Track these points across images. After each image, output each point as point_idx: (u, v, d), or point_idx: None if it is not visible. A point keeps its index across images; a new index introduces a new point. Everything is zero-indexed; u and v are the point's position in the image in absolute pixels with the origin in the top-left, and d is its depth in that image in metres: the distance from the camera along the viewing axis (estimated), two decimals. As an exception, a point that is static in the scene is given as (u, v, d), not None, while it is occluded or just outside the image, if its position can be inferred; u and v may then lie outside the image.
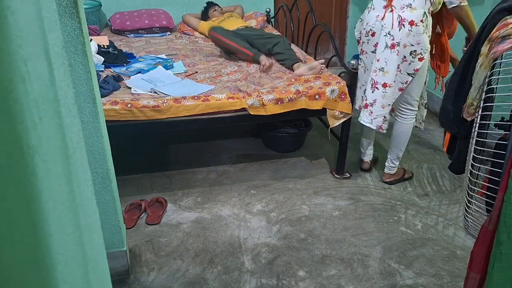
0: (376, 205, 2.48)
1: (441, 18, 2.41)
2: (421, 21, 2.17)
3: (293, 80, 2.65)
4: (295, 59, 2.86)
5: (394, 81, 2.30)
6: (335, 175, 2.76)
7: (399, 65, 2.26)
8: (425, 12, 2.18)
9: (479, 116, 1.28)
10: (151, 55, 3.12)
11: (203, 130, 3.26)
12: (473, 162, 1.31)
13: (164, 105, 2.30)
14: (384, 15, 2.24)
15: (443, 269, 2.01)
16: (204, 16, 3.82)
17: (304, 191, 2.60)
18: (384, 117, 2.40)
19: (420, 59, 2.23)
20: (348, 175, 2.75)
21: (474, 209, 1.34)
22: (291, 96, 2.44)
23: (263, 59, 2.81)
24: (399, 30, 2.19)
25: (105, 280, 0.82)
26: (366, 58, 2.44)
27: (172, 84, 2.57)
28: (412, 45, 2.21)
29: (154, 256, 2.08)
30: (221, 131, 3.28)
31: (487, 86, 1.25)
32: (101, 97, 2.02)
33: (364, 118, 2.45)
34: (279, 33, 3.73)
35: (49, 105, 0.52)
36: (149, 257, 2.07)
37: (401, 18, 2.18)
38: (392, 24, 2.21)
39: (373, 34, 2.32)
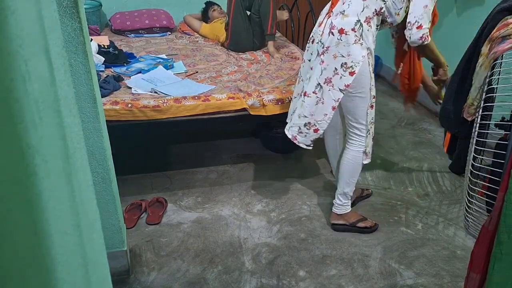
0: (376, 205, 2.48)
1: None
2: (353, 29, 1.90)
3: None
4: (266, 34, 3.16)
5: (313, 92, 2.01)
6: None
7: (331, 78, 1.95)
8: (358, 21, 1.90)
9: (479, 116, 1.28)
10: (151, 55, 3.12)
11: (203, 130, 3.26)
12: (473, 162, 1.31)
13: (165, 105, 2.30)
14: (322, 21, 2.03)
15: (444, 269, 2.00)
16: (204, 16, 3.82)
17: (305, 191, 2.59)
18: (299, 128, 2.11)
19: (351, 73, 1.92)
20: (349, 175, 2.75)
21: (475, 209, 1.34)
22: (291, 96, 2.44)
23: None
24: (328, 37, 1.94)
25: (106, 280, 0.82)
26: (302, 67, 2.17)
27: (172, 84, 2.57)
28: (343, 56, 1.92)
29: (155, 256, 2.08)
30: (221, 131, 3.28)
31: (487, 86, 1.25)
32: (102, 97, 2.02)
33: (287, 125, 2.24)
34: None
35: (49, 105, 0.52)
36: (150, 257, 2.07)
37: (332, 25, 1.93)
38: (324, 31, 1.98)
39: (313, 42, 2.08)
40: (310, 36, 2.11)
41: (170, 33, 3.83)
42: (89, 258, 0.65)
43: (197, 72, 2.85)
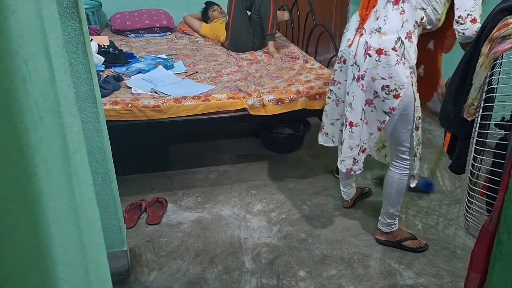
0: (376, 205, 2.48)
1: (440, 31, 1.90)
2: (393, 49, 1.72)
3: (293, 80, 2.65)
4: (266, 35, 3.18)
5: (360, 119, 1.89)
6: (336, 175, 2.75)
7: (372, 100, 1.83)
8: (399, 38, 1.71)
9: (479, 116, 1.28)
10: (151, 55, 3.12)
11: (203, 130, 3.26)
12: (473, 162, 1.31)
13: (165, 105, 2.30)
14: (353, 40, 1.85)
15: (444, 269, 2.00)
16: (204, 16, 3.82)
17: (305, 191, 2.59)
18: (354, 159, 1.98)
19: (396, 96, 1.77)
20: (349, 175, 2.75)
21: (475, 209, 1.34)
22: (291, 97, 2.44)
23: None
24: (364, 59, 1.78)
25: (106, 280, 0.82)
26: (338, 89, 2.04)
27: (172, 84, 2.57)
28: (383, 78, 1.76)
29: (155, 256, 2.08)
30: (221, 131, 3.28)
31: (487, 86, 1.25)
32: (102, 97, 2.02)
33: (321, 140, 2.20)
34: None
35: (49, 105, 0.52)
36: (150, 257, 2.07)
37: (368, 46, 1.76)
38: (357, 51, 1.81)
39: (344, 61, 1.93)
40: (339, 55, 1.97)
41: (170, 33, 3.82)
42: (89, 258, 0.65)
43: (197, 72, 2.85)
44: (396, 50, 1.72)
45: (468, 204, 1.35)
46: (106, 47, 3.00)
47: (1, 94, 0.41)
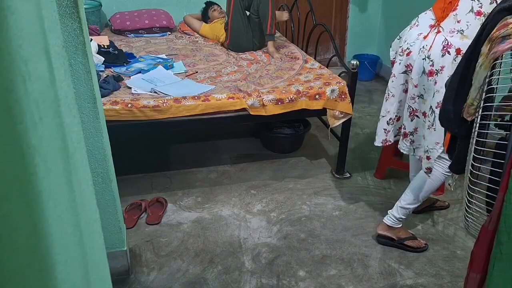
0: (376, 205, 2.48)
1: None
2: None
3: (293, 80, 2.65)
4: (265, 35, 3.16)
5: (424, 113, 1.95)
6: (335, 175, 2.76)
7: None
8: None
9: (479, 116, 1.28)
10: (151, 55, 3.12)
11: (203, 130, 3.26)
12: (473, 162, 1.31)
13: (164, 105, 2.30)
14: (428, 34, 1.87)
15: (443, 269, 2.00)
16: (204, 16, 3.82)
17: (304, 191, 2.59)
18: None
19: None
20: (348, 175, 2.75)
21: (475, 209, 1.34)
22: (291, 97, 2.44)
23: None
24: (442, 56, 1.80)
25: (105, 280, 0.82)
26: (392, 82, 2.05)
27: (172, 84, 2.57)
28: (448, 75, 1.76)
29: (154, 256, 2.08)
30: (221, 131, 3.28)
31: (487, 86, 1.25)
32: (101, 97, 2.02)
33: (404, 147, 2.11)
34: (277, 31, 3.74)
35: (49, 105, 0.52)
36: (149, 257, 2.07)
37: (448, 43, 1.80)
38: (434, 47, 1.83)
39: (408, 54, 1.93)
40: (405, 47, 1.95)
41: (170, 33, 3.83)
42: (89, 258, 0.65)
43: (197, 72, 2.85)
44: None
45: (468, 204, 1.35)
46: (106, 47, 3.00)
47: (1, 94, 0.41)
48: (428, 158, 1.95)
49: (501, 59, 1.22)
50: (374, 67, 4.44)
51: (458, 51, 1.79)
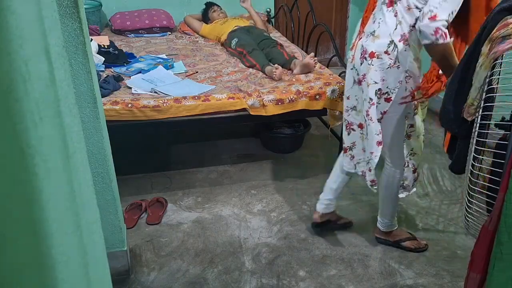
0: (376, 205, 2.47)
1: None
2: (386, 52, 1.67)
3: (294, 80, 2.65)
4: (287, 61, 2.83)
5: (359, 125, 1.89)
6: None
7: (368, 111, 1.77)
8: (392, 41, 1.66)
9: (479, 116, 1.28)
10: (151, 55, 3.12)
11: (203, 130, 3.26)
12: (473, 162, 1.31)
13: (165, 105, 2.30)
14: (355, 43, 1.82)
15: (444, 269, 2.00)
16: (205, 17, 3.82)
17: (305, 191, 2.59)
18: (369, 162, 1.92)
19: (387, 100, 1.72)
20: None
21: (475, 209, 1.34)
22: (291, 97, 2.44)
23: (270, 70, 2.70)
24: (361, 64, 1.74)
25: (106, 280, 0.82)
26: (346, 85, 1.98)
27: (172, 84, 2.57)
28: (375, 82, 1.71)
29: (155, 256, 2.08)
30: (221, 131, 3.28)
31: (487, 86, 1.25)
32: (102, 97, 2.02)
33: (346, 164, 2.02)
34: (275, 33, 3.74)
35: (49, 105, 0.52)
36: (150, 257, 2.07)
37: (364, 49, 1.73)
38: (355, 54, 1.78)
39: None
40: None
41: (170, 33, 3.83)
42: (89, 258, 0.65)
43: (197, 72, 2.85)
44: (388, 54, 1.67)
45: (468, 204, 1.35)
46: (106, 47, 3.00)
47: (1, 94, 0.41)
48: (370, 170, 1.90)
49: (501, 59, 1.22)
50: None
51: (371, 54, 1.70)
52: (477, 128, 1.28)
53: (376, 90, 1.72)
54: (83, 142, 0.71)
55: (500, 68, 1.23)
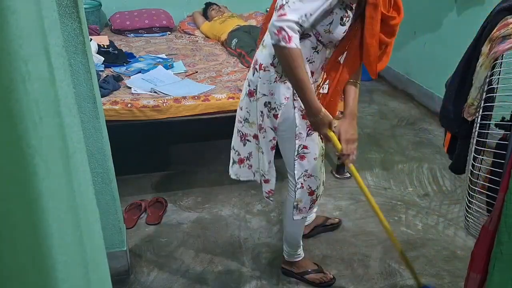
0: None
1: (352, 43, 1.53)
2: (272, 64, 1.51)
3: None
4: None
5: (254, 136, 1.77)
6: (336, 175, 2.76)
7: (261, 124, 1.66)
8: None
9: (479, 116, 1.28)
10: (151, 55, 3.12)
11: (203, 130, 3.26)
12: (473, 162, 1.31)
13: (164, 105, 2.30)
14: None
15: (444, 269, 2.00)
16: (205, 15, 3.84)
17: (304, 191, 2.59)
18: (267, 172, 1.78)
19: (275, 116, 1.58)
20: (349, 175, 2.75)
21: (475, 209, 1.34)
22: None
23: None
24: (253, 75, 1.61)
25: (105, 280, 0.82)
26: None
27: (172, 84, 2.57)
28: (265, 94, 1.57)
29: (154, 256, 2.08)
30: (221, 131, 3.27)
31: (487, 86, 1.25)
32: (101, 97, 2.02)
33: (244, 174, 1.87)
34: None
35: (49, 105, 0.52)
36: (149, 257, 2.07)
37: (255, 60, 1.60)
38: (251, 65, 1.66)
39: None
40: None
41: (170, 33, 3.83)
42: (89, 258, 0.65)
43: (197, 72, 2.85)
44: (274, 66, 1.51)
45: (468, 204, 1.35)
46: (105, 47, 3.00)
47: (1, 94, 0.41)
48: (266, 181, 1.79)
49: (501, 59, 1.22)
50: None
51: (260, 66, 1.55)
52: (477, 128, 1.28)
53: (265, 102, 1.58)
54: (83, 142, 0.71)
55: (500, 68, 1.24)
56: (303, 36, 1.45)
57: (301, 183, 1.70)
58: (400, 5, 1.45)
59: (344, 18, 1.42)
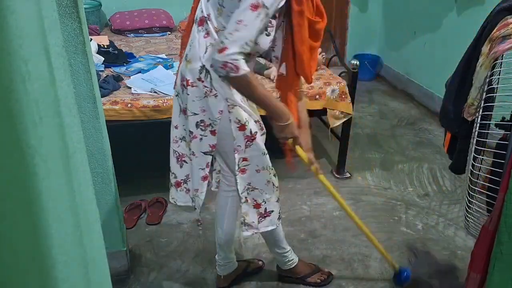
0: (376, 205, 2.48)
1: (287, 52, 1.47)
2: (199, 79, 1.41)
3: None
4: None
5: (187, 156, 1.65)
6: (336, 175, 2.76)
7: (189, 143, 1.55)
8: (203, 66, 1.39)
9: (479, 116, 1.28)
10: (151, 55, 3.12)
11: (203, 130, 3.26)
12: (473, 162, 1.31)
13: (164, 105, 2.30)
14: (179, 66, 1.55)
15: (444, 269, 2.00)
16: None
17: (305, 191, 2.59)
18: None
19: (212, 133, 1.48)
20: (349, 175, 2.75)
21: (475, 209, 1.35)
22: (291, 96, 2.44)
23: (268, 74, 2.63)
24: (182, 92, 1.50)
25: (105, 280, 0.81)
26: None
27: (172, 84, 2.56)
28: (195, 113, 1.47)
29: (154, 256, 2.08)
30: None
31: (487, 86, 1.25)
32: (101, 97, 2.01)
33: (181, 198, 1.72)
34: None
35: (49, 105, 0.52)
36: (149, 257, 2.07)
37: (182, 76, 1.48)
38: (177, 81, 1.55)
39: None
40: None
41: (170, 33, 3.83)
42: (89, 258, 0.65)
43: (197, 72, 2.84)
44: (202, 81, 1.41)
45: (468, 204, 1.35)
46: (105, 47, 3.00)
47: (1, 94, 0.41)
48: (195, 209, 1.67)
49: (501, 59, 1.22)
50: (375, 67, 4.43)
51: (187, 82, 1.44)
52: (477, 128, 1.28)
53: (197, 122, 1.49)
54: (83, 142, 0.71)
55: (500, 68, 1.24)
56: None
57: (245, 197, 1.62)
58: (322, 10, 1.43)
59: (269, 28, 1.34)
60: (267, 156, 1.62)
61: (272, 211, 1.71)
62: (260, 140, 1.56)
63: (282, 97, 1.58)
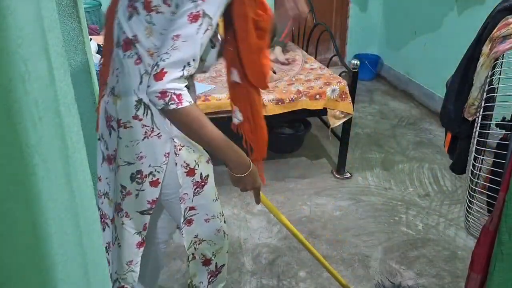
0: (377, 205, 2.48)
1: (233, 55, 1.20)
2: (135, 117, 1.12)
3: (293, 80, 2.65)
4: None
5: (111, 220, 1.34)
6: (336, 175, 2.76)
7: (120, 204, 1.24)
8: (140, 100, 1.10)
9: (480, 116, 1.28)
10: (151, 55, 3.12)
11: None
12: (474, 162, 1.30)
13: (165, 105, 2.29)
14: (100, 100, 1.25)
15: (444, 269, 2.00)
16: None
17: (305, 191, 2.59)
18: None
19: (154, 183, 1.18)
20: (349, 175, 2.75)
21: (476, 209, 1.34)
22: (292, 96, 2.44)
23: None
24: (109, 134, 1.20)
25: (105, 280, 0.81)
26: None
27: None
28: (130, 163, 1.16)
29: (155, 256, 2.08)
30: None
31: (488, 86, 1.25)
32: (102, 97, 2.01)
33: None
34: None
35: (49, 105, 0.52)
36: (150, 257, 2.07)
37: (107, 114, 1.18)
38: (99, 120, 1.25)
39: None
40: None
41: (170, 33, 3.82)
42: (88, 258, 0.65)
43: (197, 72, 2.84)
44: (140, 119, 1.12)
45: (469, 204, 1.35)
46: (106, 47, 2.99)
47: (0, 94, 0.41)
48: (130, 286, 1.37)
49: (502, 59, 1.22)
50: (375, 67, 4.43)
51: (118, 123, 1.14)
52: (477, 128, 1.28)
53: (132, 174, 1.17)
54: (83, 142, 0.71)
55: (501, 68, 1.23)
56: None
57: (192, 253, 1.34)
58: (263, 1, 1.14)
59: (213, 39, 1.11)
60: (218, 201, 1.38)
61: (223, 265, 1.43)
62: (211, 185, 1.31)
63: (245, 116, 1.30)
